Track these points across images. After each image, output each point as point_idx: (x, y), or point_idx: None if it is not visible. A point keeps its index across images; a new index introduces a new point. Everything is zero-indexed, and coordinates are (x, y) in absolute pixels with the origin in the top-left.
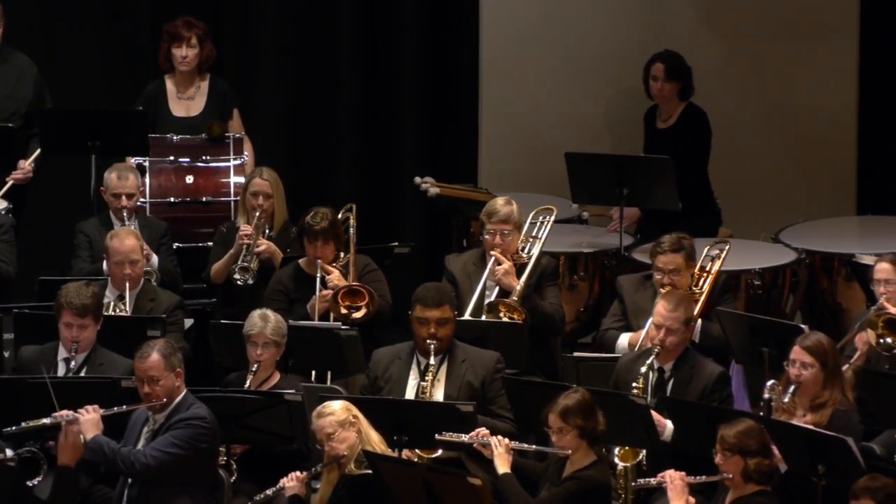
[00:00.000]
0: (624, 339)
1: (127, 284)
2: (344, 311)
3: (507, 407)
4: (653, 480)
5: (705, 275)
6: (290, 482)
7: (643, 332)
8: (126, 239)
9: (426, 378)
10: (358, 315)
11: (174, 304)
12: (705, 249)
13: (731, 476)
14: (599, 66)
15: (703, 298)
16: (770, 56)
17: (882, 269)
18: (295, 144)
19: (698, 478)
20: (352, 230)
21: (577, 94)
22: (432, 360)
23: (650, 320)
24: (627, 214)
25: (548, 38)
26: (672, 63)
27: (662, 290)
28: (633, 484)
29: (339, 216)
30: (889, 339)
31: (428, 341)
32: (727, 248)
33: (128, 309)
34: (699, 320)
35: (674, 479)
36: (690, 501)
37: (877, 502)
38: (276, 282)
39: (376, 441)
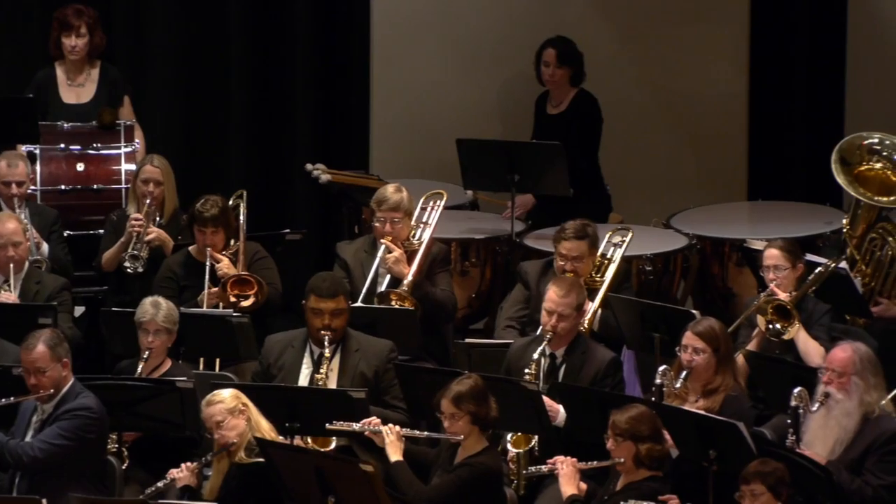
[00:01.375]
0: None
1: (11, 268)
2: (233, 299)
3: (399, 397)
4: (544, 467)
5: (607, 262)
6: (180, 473)
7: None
8: (7, 222)
9: (320, 370)
10: (246, 304)
11: (60, 286)
12: (607, 236)
13: (622, 461)
14: (491, 52)
15: (604, 286)
16: (661, 42)
17: (771, 254)
18: (186, 132)
19: (590, 463)
20: (242, 217)
21: (469, 81)
22: (326, 352)
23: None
24: (522, 202)
25: (439, 23)
26: (563, 49)
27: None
28: (525, 470)
29: (230, 203)
30: (778, 325)
31: (322, 332)
32: (630, 235)
33: (13, 292)
34: (600, 309)
35: (565, 465)
36: (582, 487)
37: (767, 486)
38: (165, 269)
39: (266, 429)
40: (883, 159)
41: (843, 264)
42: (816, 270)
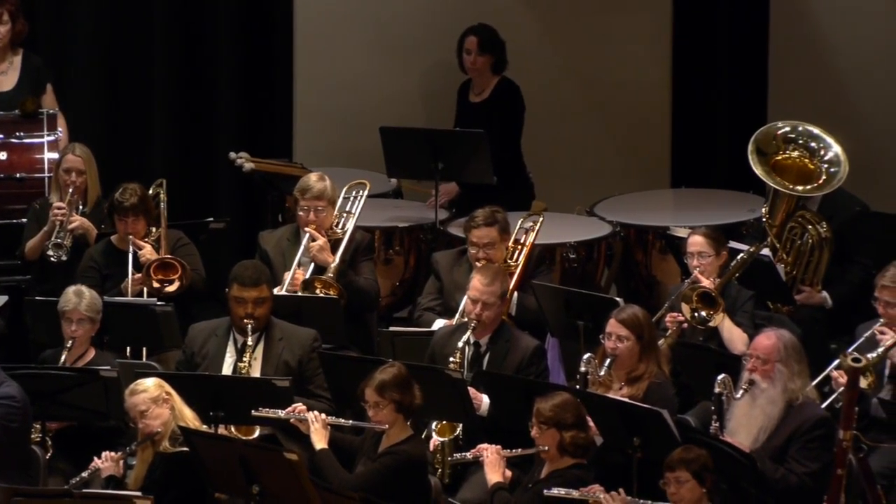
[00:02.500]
0: (439, 324)
1: None
2: (157, 285)
3: (323, 386)
4: (469, 454)
5: (520, 247)
6: (105, 462)
7: (456, 318)
8: None
9: (244, 359)
10: (171, 289)
11: None
12: (519, 222)
13: (546, 449)
14: (414, 40)
15: (518, 271)
16: (584, 30)
17: (695, 242)
18: (109, 120)
19: (514, 451)
20: (162, 205)
21: (392, 69)
22: (249, 340)
23: (458, 314)
24: (446, 190)
25: (362, 11)
26: (485, 36)
27: (478, 265)
28: (449, 458)
29: (150, 192)
30: (703, 313)
31: (245, 320)
32: (541, 220)
33: None
34: (514, 293)
35: (490, 453)
36: (507, 475)
37: (691, 473)
38: (87, 258)
39: (190, 418)
40: (799, 147)
41: (766, 251)
42: (739, 257)
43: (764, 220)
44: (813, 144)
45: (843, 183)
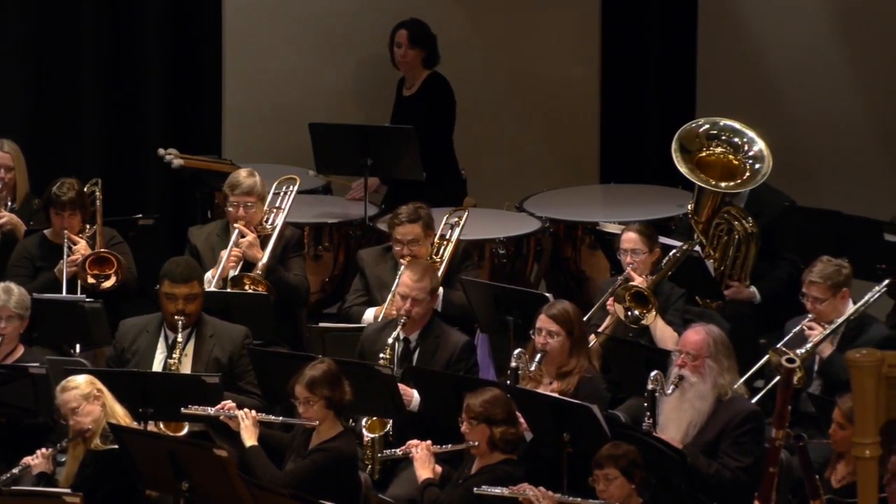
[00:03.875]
0: (369, 314)
1: None
2: (91, 280)
3: (254, 383)
4: (399, 451)
5: (445, 243)
6: (35, 459)
7: (385, 305)
8: None
9: (173, 355)
10: (107, 284)
11: None
12: (444, 218)
13: (476, 445)
14: (344, 35)
15: (443, 266)
16: (514, 26)
17: (629, 238)
18: (36, 116)
19: (444, 447)
20: (98, 202)
21: (322, 64)
22: (179, 337)
23: (393, 290)
24: (368, 183)
25: (291, 6)
26: (416, 30)
27: (403, 262)
28: (379, 454)
29: (86, 189)
30: (636, 311)
31: (175, 317)
32: (466, 215)
33: None
34: (440, 289)
35: (420, 449)
36: (437, 470)
37: (620, 469)
38: (21, 250)
39: (121, 415)
40: (722, 144)
41: (697, 247)
42: (671, 254)
43: (689, 216)
44: (736, 140)
45: (771, 179)
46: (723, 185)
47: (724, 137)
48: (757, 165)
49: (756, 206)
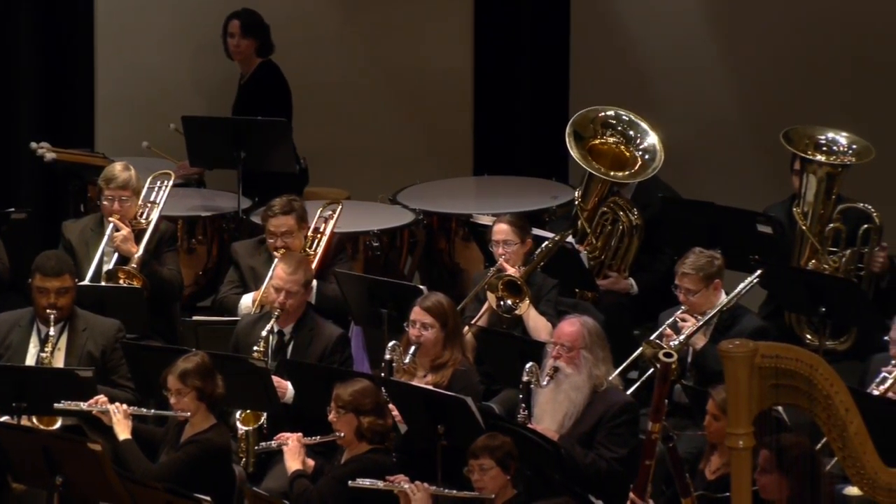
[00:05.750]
0: (247, 299)
1: None
2: None
3: (127, 376)
4: (273, 443)
5: (319, 236)
6: None
7: (262, 288)
8: None
9: (46, 349)
10: None
11: None
12: (318, 210)
13: (343, 435)
14: (212, 29)
15: (317, 259)
16: (385, 16)
17: (500, 230)
18: None
19: (314, 438)
20: None
21: (194, 58)
22: (52, 331)
23: (266, 282)
24: (184, 168)
25: (163, 1)
26: (248, 20)
27: (276, 254)
28: (255, 447)
29: None
30: (509, 301)
31: (48, 311)
32: (339, 208)
33: None
34: (314, 281)
35: (290, 440)
36: (309, 463)
37: (495, 460)
38: None
39: None
40: (617, 134)
41: (570, 238)
42: (543, 245)
43: (576, 203)
44: (631, 132)
45: (661, 173)
46: (612, 174)
47: (619, 128)
48: (647, 157)
49: (643, 199)
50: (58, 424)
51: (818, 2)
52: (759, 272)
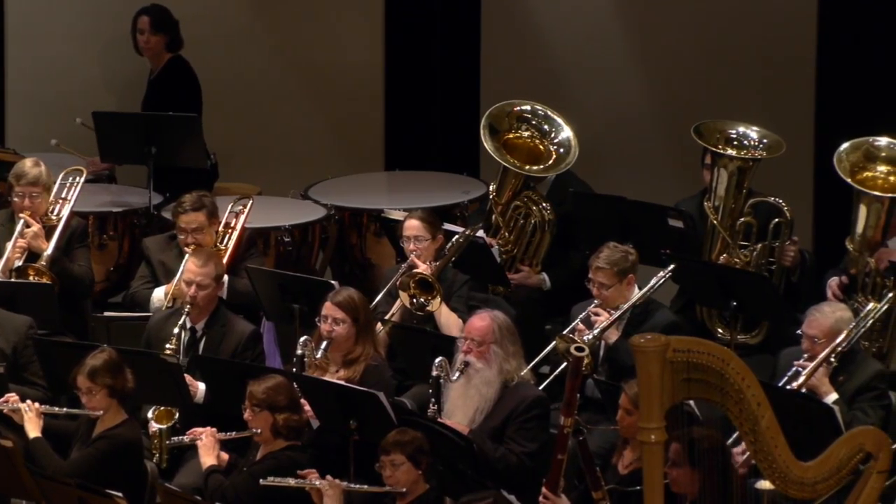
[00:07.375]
0: (158, 292)
1: None
2: None
3: (38, 373)
4: (186, 438)
5: (230, 231)
6: None
7: (175, 281)
8: None
9: None
10: None
11: None
12: (229, 206)
13: (259, 432)
14: (122, 24)
15: (228, 254)
16: (295, 9)
17: (411, 225)
18: None
19: (229, 434)
20: None
21: (102, 53)
22: None
23: (178, 277)
24: (94, 164)
25: None
26: (158, 16)
27: (187, 250)
28: (168, 442)
29: None
30: (421, 298)
31: None
32: (250, 203)
33: None
34: (226, 277)
35: (204, 436)
36: (222, 457)
37: (406, 455)
38: None
39: None
40: (532, 128)
41: (480, 233)
42: (454, 240)
43: (491, 196)
44: (545, 126)
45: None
46: (526, 168)
47: (535, 122)
48: (562, 151)
49: (560, 194)
50: None
51: None
52: (671, 266)
